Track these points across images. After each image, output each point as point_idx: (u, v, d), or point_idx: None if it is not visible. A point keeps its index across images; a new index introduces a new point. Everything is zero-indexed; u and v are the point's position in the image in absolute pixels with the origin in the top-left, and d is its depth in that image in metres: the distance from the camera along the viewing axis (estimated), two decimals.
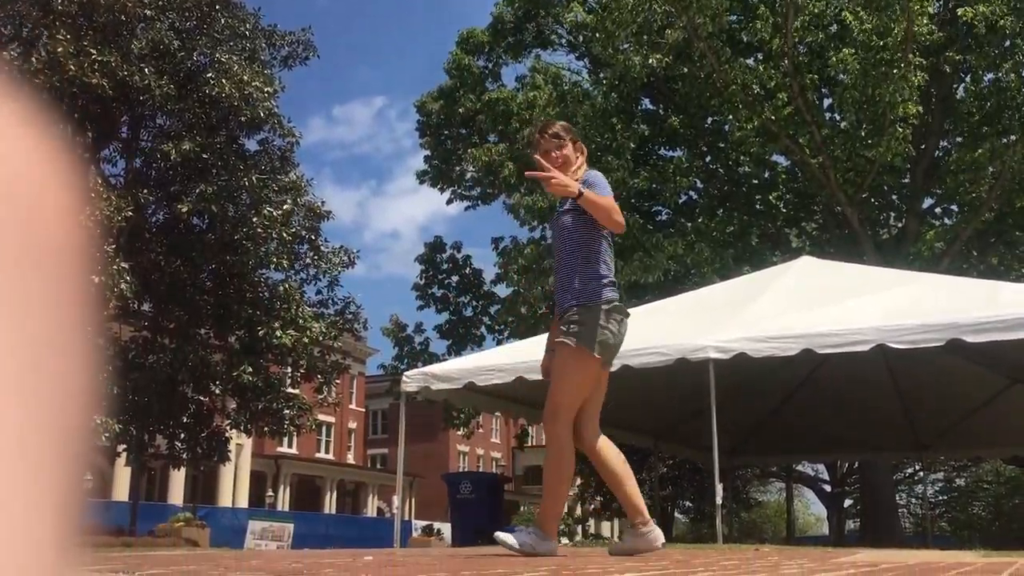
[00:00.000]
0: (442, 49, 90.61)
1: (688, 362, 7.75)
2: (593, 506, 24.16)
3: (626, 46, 16.65)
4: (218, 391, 15.70)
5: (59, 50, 12.84)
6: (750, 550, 4.66)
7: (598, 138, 17.11)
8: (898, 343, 7.17)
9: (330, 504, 38.30)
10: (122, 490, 25.10)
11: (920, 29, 13.82)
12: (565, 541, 18.32)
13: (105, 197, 13.22)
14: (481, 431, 33.23)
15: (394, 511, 13.62)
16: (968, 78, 17.43)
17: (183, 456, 15.73)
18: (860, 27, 14.10)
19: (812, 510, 53.99)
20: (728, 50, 16.30)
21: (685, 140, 19.28)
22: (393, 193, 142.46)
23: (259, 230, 14.63)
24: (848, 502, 29.10)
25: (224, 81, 14.11)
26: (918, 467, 25.43)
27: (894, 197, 19.32)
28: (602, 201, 3.87)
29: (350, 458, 44.29)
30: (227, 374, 14.92)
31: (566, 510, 26.61)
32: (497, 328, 21.32)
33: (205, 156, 14.35)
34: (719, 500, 7.77)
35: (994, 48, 15.46)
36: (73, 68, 12.89)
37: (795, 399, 13.05)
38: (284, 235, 15.09)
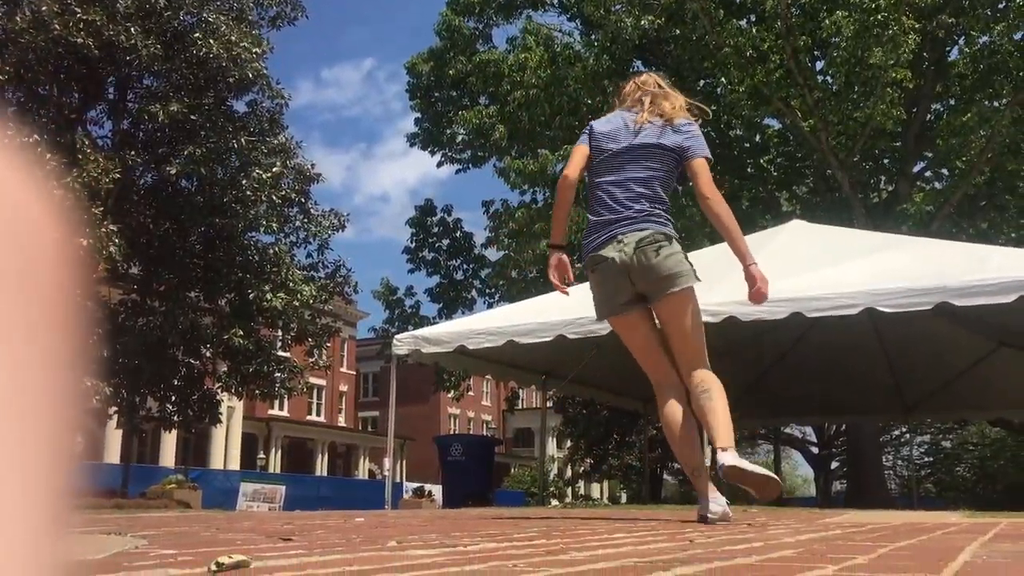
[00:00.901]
0: (432, 10, 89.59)
1: None
2: (583, 468, 24.37)
3: (618, 7, 16.52)
4: (209, 354, 15.70)
5: (44, 8, 12.65)
6: (738, 511, 4.71)
7: (589, 100, 17.01)
8: (886, 306, 7.20)
9: (321, 466, 38.53)
10: (113, 452, 25.18)
11: None
12: (555, 503, 18.47)
13: (92, 159, 13.11)
14: (472, 394, 33.34)
15: (385, 473, 13.72)
16: (962, 40, 17.35)
17: (174, 418, 15.75)
18: None
19: (799, 472, 54.67)
20: (721, 11, 16.17)
21: None
22: (383, 156, 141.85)
23: (248, 193, 14.54)
24: (835, 464, 29.42)
25: (212, 41, 13.92)
26: (904, 429, 25.69)
27: (885, 161, 19.30)
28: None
29: (341, 421, 44.50)
30: (218, 337, 14.90)
31: (556, 471, 26.79)
32: (488, 291, 21.37)
33: (193, 118, 14.21)
34: (707, 463, 7.82)
35: (987, 9, 15.38)
36: (58, 27, 12.72)
37: (784, 362, 13.13)
38: (274, 198, 15.01)
